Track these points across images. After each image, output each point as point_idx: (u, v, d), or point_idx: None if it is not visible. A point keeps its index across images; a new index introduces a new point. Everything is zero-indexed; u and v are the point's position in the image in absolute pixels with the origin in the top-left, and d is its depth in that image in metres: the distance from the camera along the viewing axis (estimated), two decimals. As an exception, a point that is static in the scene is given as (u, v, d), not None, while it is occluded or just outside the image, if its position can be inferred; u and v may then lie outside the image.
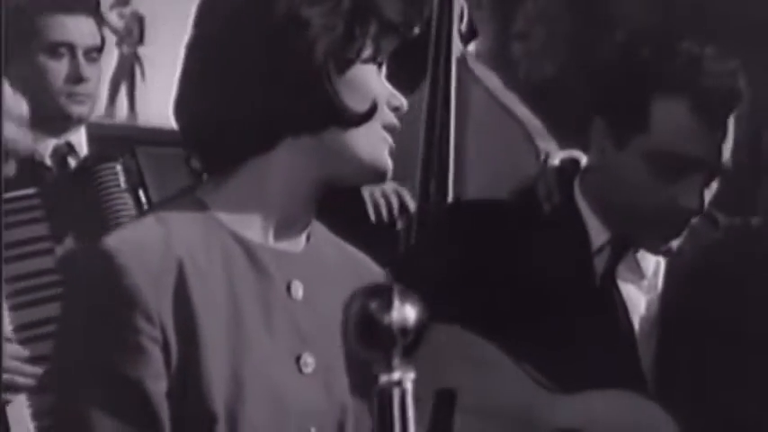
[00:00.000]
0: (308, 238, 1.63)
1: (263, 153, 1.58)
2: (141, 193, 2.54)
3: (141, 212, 2.54)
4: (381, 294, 1.11)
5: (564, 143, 3.04)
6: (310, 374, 1.57)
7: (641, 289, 2.16)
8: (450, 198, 2.80)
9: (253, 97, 1.56)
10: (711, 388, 2.05)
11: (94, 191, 2.54)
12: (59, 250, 2.52)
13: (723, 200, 2.16)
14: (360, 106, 1.57)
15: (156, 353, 1.48)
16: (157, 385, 1.48)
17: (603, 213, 2.15)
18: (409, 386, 1.09)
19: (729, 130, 2.06)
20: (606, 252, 2.15)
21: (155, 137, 2.97)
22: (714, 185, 2.09)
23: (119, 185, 2.54)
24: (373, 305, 1.11)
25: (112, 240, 1.52)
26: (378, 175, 1.61)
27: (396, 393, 1.09)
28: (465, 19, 2.93)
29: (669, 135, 2.05)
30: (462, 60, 2.92)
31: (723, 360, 2.07)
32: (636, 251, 2.15)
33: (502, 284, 2.12)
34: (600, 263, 2.14)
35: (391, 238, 2.69)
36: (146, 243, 1.51)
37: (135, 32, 4.42)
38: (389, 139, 1.60)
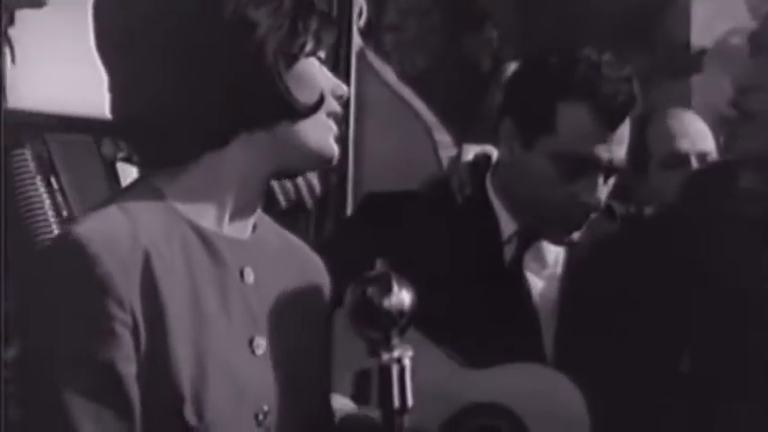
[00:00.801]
0: (254, 227, 1.70)
1: (218, 149, 1.64)
2: (53, 179, 2.57)
3: (53, 199, 2.57)
4: (380, 281, 1.22)
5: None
6: (261, 356, 1.64)
7: (543, 276, 2.31)
8: (349, 190, 2.90)
9: (206, 98, 1.61)
10: (606, 360, 2.21)
11: (4, 178, 2.55)
12: (-35, 239, 2.53)
13: (618, 190, 2.33)
14: (309, 98, 1.64)
15: (126, 337, 1.52)
16: (128, 368, 1.53)
17: (512, 206, 2.29)
18: (407, 362, 1.20)
19: (625, 132, 2.23)
20: (514, 242, 2.29)
21: (59, 123, 2.99)
22: (611, 182, 2.25)
23: (29, 172, 2.56)
24: (374, 291, 1.22)
25: (82, 230, 1.55)
26: (325, 162, 1.69)
27: (395, 369, 1.20)
28: (364, 14, 3.02)
29: (572, 137, 2.20)
30: (362, 54, 3.00)
31: (616, 336, 2.24)
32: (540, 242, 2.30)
33: (417, 270, 2.23)
34: (509, 251, 2.29)
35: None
36: (114, 233, 1.55)
37: (4, 14, 4.35)
38: (334, 127, 1.69)
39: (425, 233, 2.30)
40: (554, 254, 2.32)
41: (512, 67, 4.01)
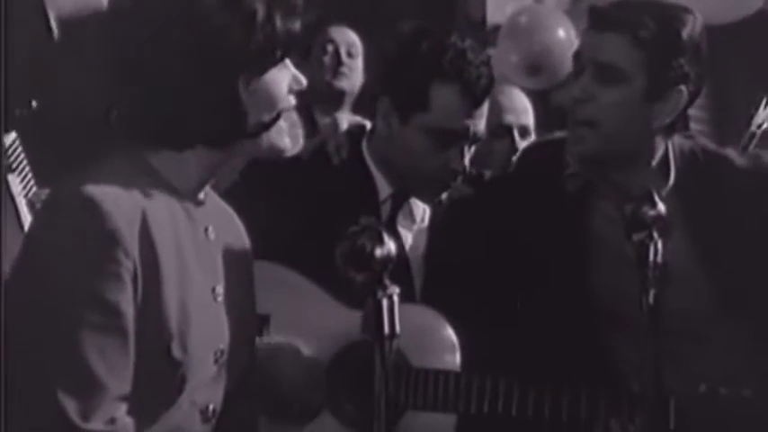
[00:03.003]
0: (205, 192, 1.93)
1: (185, 150, 1.83)
2: None
3: None
4: (371, 232, 1.49)
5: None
6: (220, 303, 1.90)
7: (413, 231, 2.63)
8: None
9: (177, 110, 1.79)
10: (463, 298, 2.52)
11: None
12: None
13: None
14: (266, 117, 1.83)
15: (129, 282, 1.74)
16: (129, 309, 1.75)
17: (389, 173, 2.59)
18: (396, 298, 1.48)
19: (486, 108, 2.56)
20: (389, 203, 2.60)
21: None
22: (473, 149, 2.58)
23: None
24: (365, 241, 1.49)
25: (93, 188, 1.74)
26: (277, 155, 1.88)
27: (386, 303, 1.48)
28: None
29: (444, 113, 2.51)
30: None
31: (468, 280, 2.55)
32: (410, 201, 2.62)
33: (302, 225, 2.49)
34: (384, 211, 2.59)
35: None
36: (119, 193, 1.76)
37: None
38: (284, 126, 1.85)
39: (308, 194, 2.55)
40: (421, 211, 2.63)
41: (335, 30, 4.22)
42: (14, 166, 2.89)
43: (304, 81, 1.86)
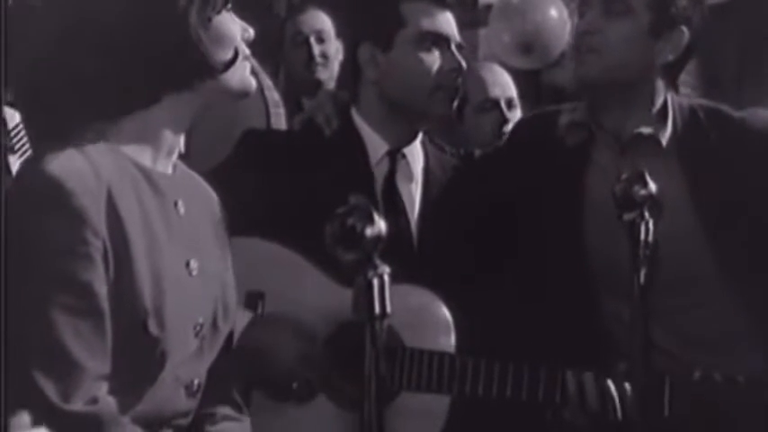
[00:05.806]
0: (174, 165, 1.88)
1: (150, 106, 1.81)
2: None
3: None
4: (362, 212, 1.44)
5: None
6: (196, 276, 1.85)
7: (413, 189, 2.58)
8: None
9: (134, 66, 1.77)
10: (455, 269, 2.49)
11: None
12: None
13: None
14: (225, 55, 1.82)
15: (99, 261, 1.69)
16: (102, 288, 1.70)
17: (390, 120, 2.54)
18: (386, 278, 1.43)
19: (452, 19, 2.58)
20: (385, 162, 2.54)
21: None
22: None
23: None
24: (355, 221, 1.43)
25: (55, 167, 1.69)
26: (245, 95, 1.89)
27: (377, 283, 1.42)
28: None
29: (420, 19, 2.54)
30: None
31: (470, 245, 2.54)
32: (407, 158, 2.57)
33: (296, 200, 2.44)
34: (380, 172, 2.54)
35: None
36: (82, 171, 1.70)
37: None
38: (247, 63, 1.87)
39: (301, 168, 2.50)
40: (419, 168, 2.59)
41: (301, 19, 4.15)
42: (16, 148, 2.85)
43: (251, 30, 1.87)
